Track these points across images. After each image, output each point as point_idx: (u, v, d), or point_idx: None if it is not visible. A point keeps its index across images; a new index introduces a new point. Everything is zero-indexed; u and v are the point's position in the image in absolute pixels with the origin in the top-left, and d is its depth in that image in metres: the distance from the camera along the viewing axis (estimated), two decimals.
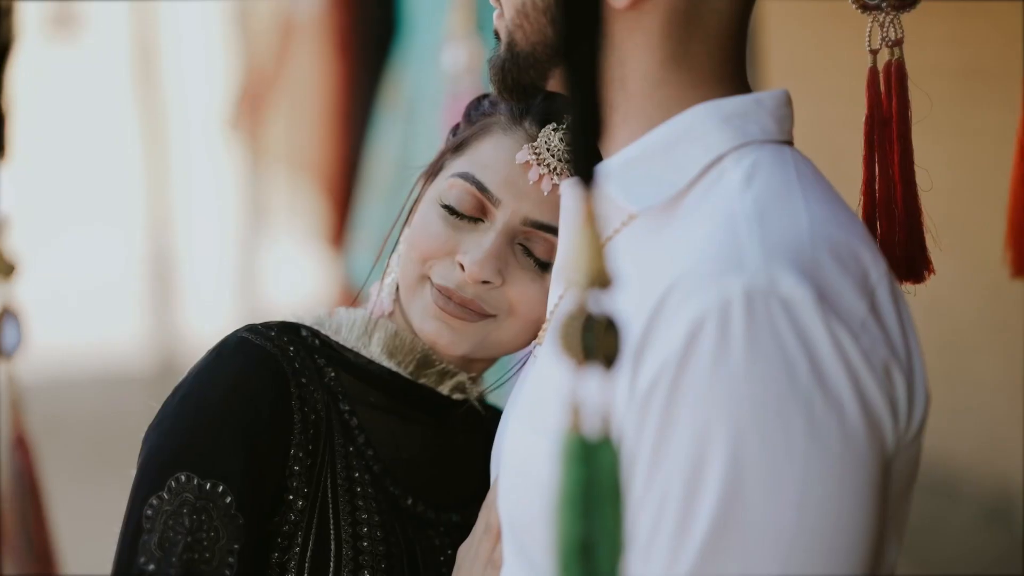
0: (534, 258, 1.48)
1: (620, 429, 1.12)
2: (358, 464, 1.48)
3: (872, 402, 1.11)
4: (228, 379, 1.44)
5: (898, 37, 1.34)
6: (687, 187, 1.21)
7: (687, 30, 1.23)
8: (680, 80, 1.23)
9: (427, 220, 1.50)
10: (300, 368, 1.47)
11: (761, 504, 1.08)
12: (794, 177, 1.20)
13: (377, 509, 1.48)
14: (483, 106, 1.54)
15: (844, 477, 1.09)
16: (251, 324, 1.49)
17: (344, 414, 1.49)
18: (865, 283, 1.15)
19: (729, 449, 1.08)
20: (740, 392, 1.08)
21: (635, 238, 1.24)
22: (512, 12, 1.30)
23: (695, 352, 1.09)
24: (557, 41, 0.91)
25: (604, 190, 1.23)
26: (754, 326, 1.09)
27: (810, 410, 1.09)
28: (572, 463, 0.88)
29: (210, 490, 1.40)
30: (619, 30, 1.23)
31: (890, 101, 1.35)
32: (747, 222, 1.14)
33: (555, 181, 1.46)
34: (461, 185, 1.48)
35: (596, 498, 0.88)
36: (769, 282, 1.10)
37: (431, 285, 1.49)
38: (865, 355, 1.11)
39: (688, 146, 1.21)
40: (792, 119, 1.27)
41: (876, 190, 1.37)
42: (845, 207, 1.23)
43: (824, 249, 1.14)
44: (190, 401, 1.44)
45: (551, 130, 1.48)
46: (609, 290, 0.90)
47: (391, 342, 1.53)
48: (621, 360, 0.90)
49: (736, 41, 1.26)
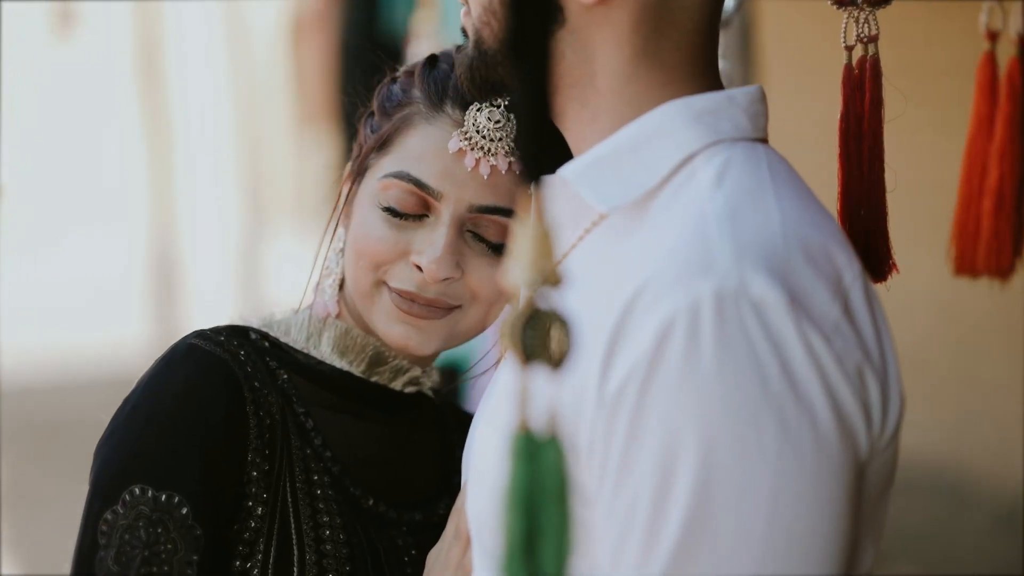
0: (486, 242, 1.48)
1: (590, 433, 1.12)
2: (316, 466, 1.48)
3: (845, 406, 1.11)
4: (179, 387, 1.43)
5: (872, 33, 1.34)
6: (657, 186, 1.20)
7: (657, 25, 1.22)
8: (651, 77, 1.23)
9: (369, 225, 1.49)
10: (252, 372, 1.46)
11: (732, 510, 1.08)
12: (767, 176, 1.19)
13: (338, 511, 1.48)
14: (394, 95, 1.53)
15: (817, 482, 1.09)
16: (199, 330, 1.49)
17: (300, 416, 1.49)
18: (839, 285, 1.14)
19: (699, 454, 1.07)
20: (710, 396, 1.08)
21: (605, 239, 1.24)
22: (479, 9, 1.29)
23: (664, 355, 1.09)
24: (505, 33, 0.92)
25: (573, 189, 1.23)
26: (724, 329, 1.08)
27: (781, 414, 1.08)
28: (517, 461, 0.89)
29: (165, 501, 1.39)
30: (587, 25, 1.22)
31: (863, 98, 1.34)
32: (718, 222, 1.14)
33: (492, 163, 1.46)
34: (398, 185, 1.47)
35: (541, 497, 0.88)
36: (740, 283, 1.09)
37: (389, 290, 1.49)
38: (838, 359, 1.11)
39: (658, 144, 1.21)
40: (766, 115, 1.26)
41: (853, 186, 1.36)
42: (819, 207, 1.22)
43: (797, 250, 1.13)
44: (140, 411, 1.43)
45: (475, 111, 1.47)
46: (558, 288, 0.90)
47: (341, 341, 1.53)
48: (571, 359, 0.90)
49: (707, 36, 1.25)
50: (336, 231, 1.56)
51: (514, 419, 0.90)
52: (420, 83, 1.51)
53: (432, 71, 1.52)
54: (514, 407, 0.90)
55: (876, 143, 1.35)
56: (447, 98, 1.48)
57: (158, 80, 7.94)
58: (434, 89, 1.49)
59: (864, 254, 1.34)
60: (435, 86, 1.49)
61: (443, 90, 1.49)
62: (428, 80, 1.51)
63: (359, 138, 1.57)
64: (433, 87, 1.49)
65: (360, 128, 1.58)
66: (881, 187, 1.36)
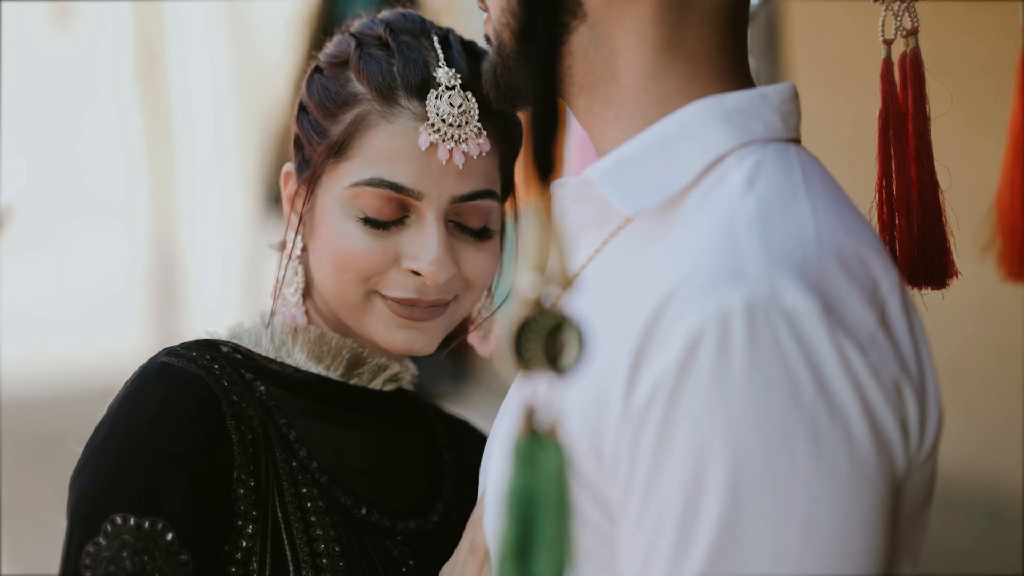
0: (469, 229, 1.48)
1: (615, 445, 1.11)
2: (304, 478, 1.46)
3: (881, 421, 1.09)
4: (154, 408, 1.40)
5: (913, 26, 1.33)
6: (686, 189, 1.19)
7: (680, 15, 1.21)
8: (676, 70, 1.22)
9: (349, 238, 1.47)
10: (229, 386, 1.44)
11: (763, 527, 1.06)
12: (799, 179, 1.18)
13: (331, 523, 1.46)
14: (334, 92, 1.49)
15: (851, 500, 1.08)
16: (169, 347, 1.46)
17: (282, 428, 1.47)
18: (875, 294, 1.13)
19: (729, 470, 1.06)
20: (740, 409, 1.06)
21: (631, 243, 1.22)
22: (497, 11, 1.28)
23: (693, 367, 1.07)
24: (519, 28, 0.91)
25: (597, 191, 1.22)
26: (755, 340, 1.07)
27: (814, 429, 1.07)
28: (517, 465, 0.88)
29: (149, 529, 1.36)
30: (608, 19, 1.21)
31: (906, 94, 1.33)
32: (748, 227, 1.12)
33: (464, 150, 1.45)
34: (373, 193, 1.45)
35: (539, 503, 0.88)
36: (771, 292, 1.08)
37: (383, 299, 1.48)
38: (874, 371, 1.09)
39: (687, 145, 1.19)
40: (799, 115, 1.25)
41: (894, 188, 1.35)
42: (854, 211, 1.21)
43: (831, 257, 1.12)
44: (115, 437, 1.41)
45: (435, 99, 1.46)
46: (568, 290, 0.90)
47: (316, 347, 1.52)
48: (579, 364, 0.89)
49: (734, 28, 1.24)
50: (291, 240, 1.53)
51: (518, 424, 0.89)
52: (362, 77, 1.48)
53: (369, 61, 1.48)
54: (519, 412, 0.89)
55: (922, 141, 1.34)
56: (398, 89, 1.46)
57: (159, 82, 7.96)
58: (381, 82, 1.46)
59: (919, 260, 1.33)
60: (381, 78, 1.47)
61: (390, 81, 1.46)
62: (370, 73, 1.47)
63: (298, 137, 1.53)
64: (380, 79, 1.47)
65: (293, 125, 1.54)
66: (933, 188, 1.34)
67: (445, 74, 1.47)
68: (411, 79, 1.46)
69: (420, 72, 1.47)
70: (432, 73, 1.47)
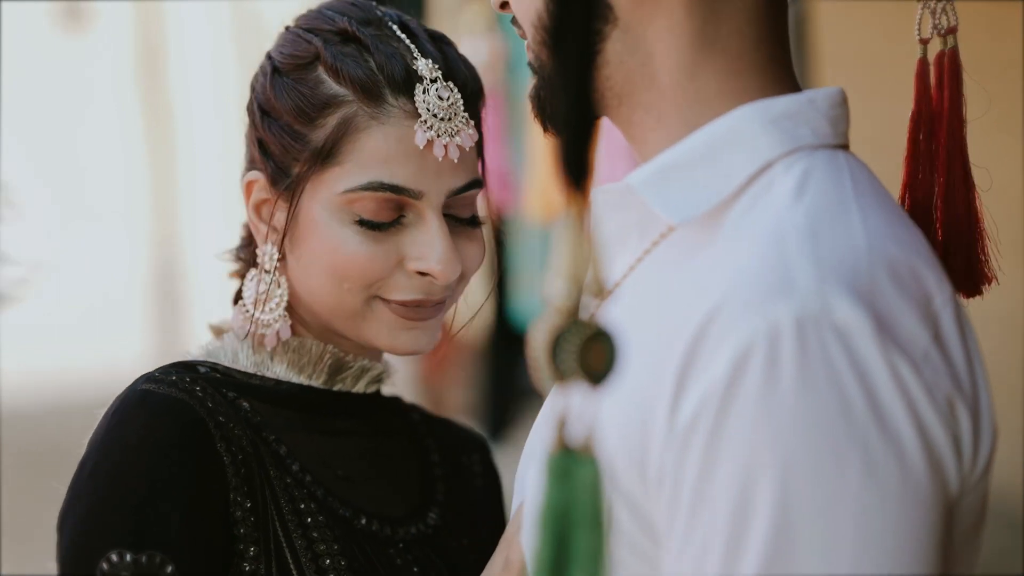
0: (461, 220, 1.48)
1: (659, 465, 1.10)
2: (300, 493, 1.44)
3: (934, 440, 1.08)
4: (139, 438, 1.37)
5: (951, 25, 1.31)
6: (732, 197, 1.17)
7: (712, 6, 1.19)
8: (715, 66, 1.20)
9: (347, 245, 1.44)
10: (214, 407, 1.41)
11: (812, 551, 1.05)
12: (849, 187, 1.16)
13: (334, 537, 1.44)
14: (306, 95, 1.45)
15: (903, 521, 1.06)
16: (146, 374, 1.43)
17: (271, 444, 1.45)
18: (928, 308, 1.11)
19: (778, 490, 1.05)
20: (790, 429, 1.05)
21: (674, 253, 1.21)
22: (531, 30, 1.26)
23: (741, 384, 1.06)
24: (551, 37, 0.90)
25: (639, 198, 1.21)
26: (806, 356, 1.05)
27: (866, 448, 1.05)
28: (551, 481, 0.87)
29: (147, 563, 1.33)
30: (639, 19, 1.20)
31: (941, 94, 1.31)
32: (798, 238, 1.11)
33: (458, 143, 1.44)
34: (371, 197, 1.43)
35: (574, 520, 0.87)
36: (822, 307, 1.06)
37: (386, 303, 1.46)
38: (927, 388, 1.08)
39: (733, 151, 1.18)
40: (847, 120, 1.23)
41: (920, 193, 1.33)
42: (906, 221, 1.19)
43: (882, 269, 1.10)
44: (101, 473, 1.37)
45: (423, 94, 1.44)
46: (602, 299, 0.88)
47: (296, 356, 1.50)
48: (614, 376, 0.88)
49: (771, 19, 1.22)
50: (269, 252, 1.50)
51: (551, 438, 0.88)
52: (341, 77, 1.44)
53: (344, 59, 1.45)
54: (552, 425, 0.88)
55: (955, 143, 1.32)
56: (383, 87, 1.44)
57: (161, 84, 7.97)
58: (365, 81, 1.43)
59: (952, 266, 1.31)
60: (364, 77, 1.43)
61: (374, 79, 1.43)
62: (350, 72, 1.44)
63: (264, 143, 1.48)
64: (363, 78, 1.43)
65: (255, 131, 1.49)
66: (969, 191, 1.32)
67: (425, 66, 1.45)
68: (395, 75, 1.43)
69: (400, 66, 1.44)
70: (412, 66, 1.45)
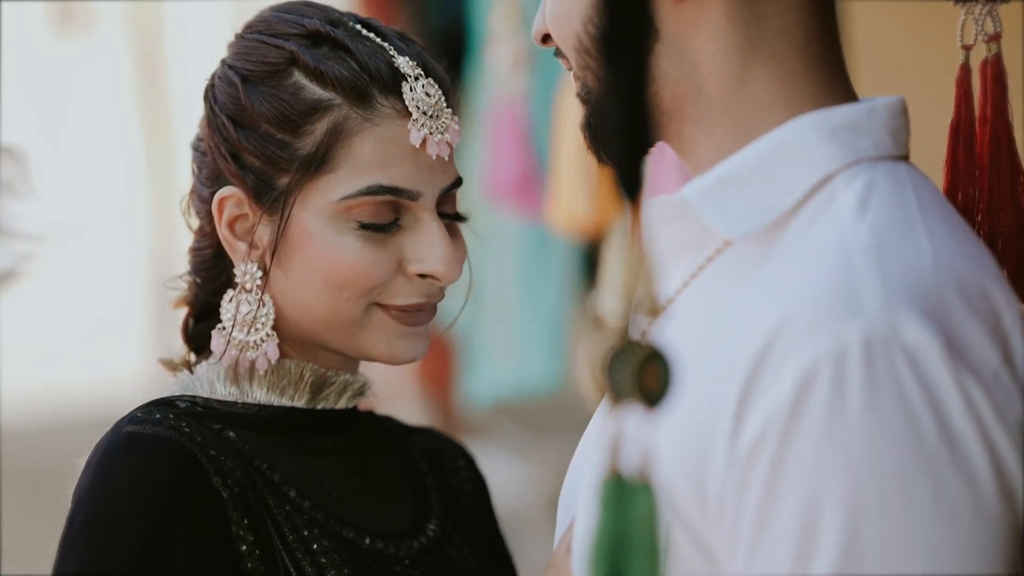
0: (448, 217, 1.46)
1: (720, 489, 1.08)
2: (301, 520, 1.41)
3: (1006, 465, 1.06)
4: (130, 482, 1.33)
5: (995, 31, 1.29)
6: (791, 211, 1.15)
7: (754, 7, 1.17)
8: (765, 72, 1.18)
9: (348, 252, 1.41)
10: (203, 442, 1.37)
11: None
12: (913, 201, 1.14)
13: (341, 560, 1.41)
14: (288, 102, 1.41)
15: (973, 549, 1.05)
16: (127, 415, 1.39)
17: (265, 472, 1.41)
18: (998, 328, 1.09)
19: (844, 517, 1.03)
20: (857, 453, 1.04)
21: (731, 269, 1.19)
22: (573, 55, 1.23)
23: (807, 407, 1.04)
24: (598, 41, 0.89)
25: (694, 212, 1.18)
26: (874, 378, 1.04)
27: (937, 474, 1.04)
28: (605, 509, 0.86)
29: None
30: (683, 30, 1.17)
31: (985, 101, 1.30)
32: (864, 255, 1.09)
33: (448, 139, 1.42)
34: (371, 201, 1.40)
35: (629, 549, 0.86)
36: (891, 328, 1.05)
37: (386, 310, 1.43)
38: (998, 411, 1.06)
39: (791, 164, 1.16)
40: (908, 130, 1.21)
41: (960, 203, 1.31)
42: (971, 237, 1.17)
43: (951, 287, 1.08)
44: (95, 524, 1.33)
45: (410, 92, 1.42)
46: (656, 318, 0.87)
47: (276, 378, 1.46)
48: (669, 398, 0.87)
49: (818, 18, 1.19)
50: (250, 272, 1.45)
51: (605, 463, 0.86)
52: (326, 81, 1.40)
53: (326, 62, 1.41)
54: (606, 449, 0.87)
55: (998, 151, 1.30)
56: (371, 87, 1.41)
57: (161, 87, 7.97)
58: (353, 82, 1.40)
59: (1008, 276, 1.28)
60: (351, 78, 1.41)
61: (361, 81, 1.41)
62: (335, 75, 1.40)
63: (241, 155, 1.43)
64: (351, 80, 1.40)
65: (238, 144, 1.43)
66: (1017, 199, 1.30)
67: (406, 63, 1.43)
68: (381, 74, 1.41)
69: (384, 65, 1.41)
70: (394, 64, 1.42)
